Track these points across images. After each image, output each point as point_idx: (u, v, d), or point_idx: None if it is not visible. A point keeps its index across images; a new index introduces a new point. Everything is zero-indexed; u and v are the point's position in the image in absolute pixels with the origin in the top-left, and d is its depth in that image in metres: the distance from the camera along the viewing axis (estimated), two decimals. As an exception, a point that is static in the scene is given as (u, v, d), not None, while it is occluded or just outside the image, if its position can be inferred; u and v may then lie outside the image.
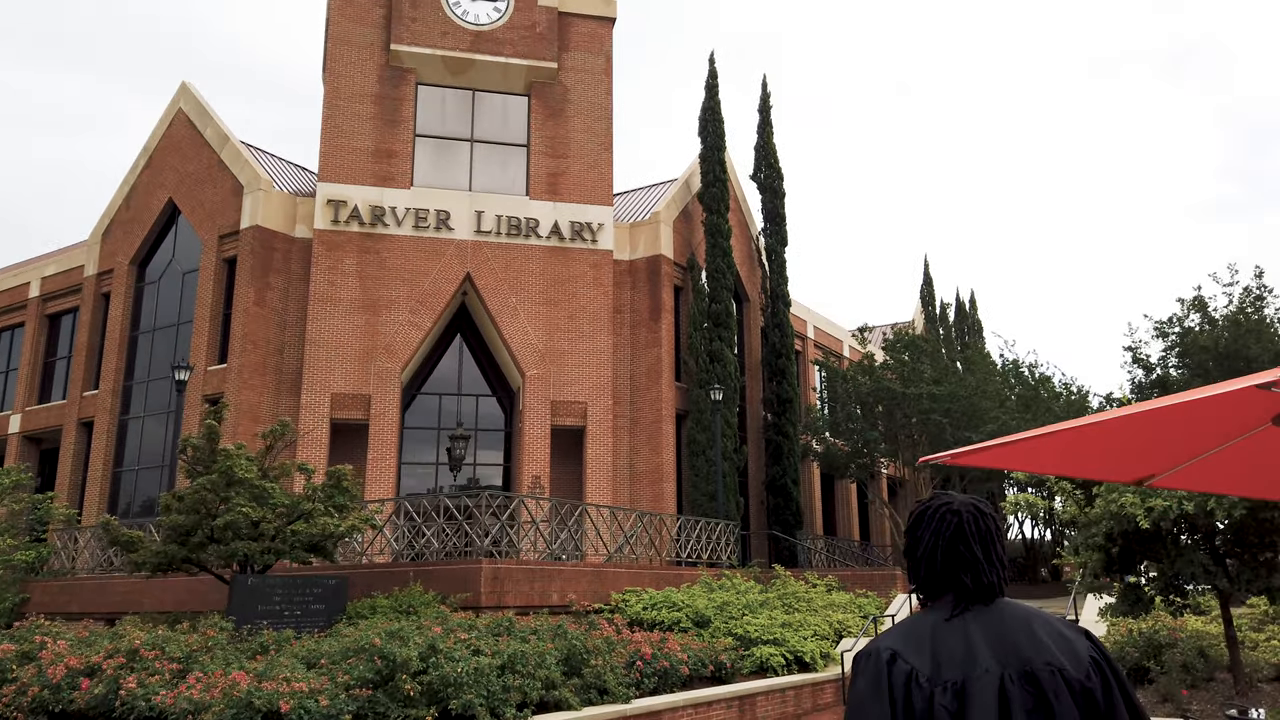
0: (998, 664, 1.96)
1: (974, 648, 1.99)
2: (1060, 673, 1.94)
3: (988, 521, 2.14)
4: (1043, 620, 2.05)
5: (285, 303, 24.99)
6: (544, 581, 14.92)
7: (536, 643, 10.21)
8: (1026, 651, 1.97)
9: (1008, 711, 1.91)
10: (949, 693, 1.95)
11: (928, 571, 2.15)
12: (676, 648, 12.58)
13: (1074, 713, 1.92)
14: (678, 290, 28.82)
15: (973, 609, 2.07)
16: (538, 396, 25.53)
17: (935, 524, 2.15)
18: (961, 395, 24.91)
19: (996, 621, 2.04)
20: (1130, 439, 5.22)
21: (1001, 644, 1.99)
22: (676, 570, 18.43)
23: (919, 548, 2.18)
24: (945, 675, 1.97)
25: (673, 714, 10.80)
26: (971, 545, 2.10)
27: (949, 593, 2.12)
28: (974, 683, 1.94)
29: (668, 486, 26.26)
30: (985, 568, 2.10)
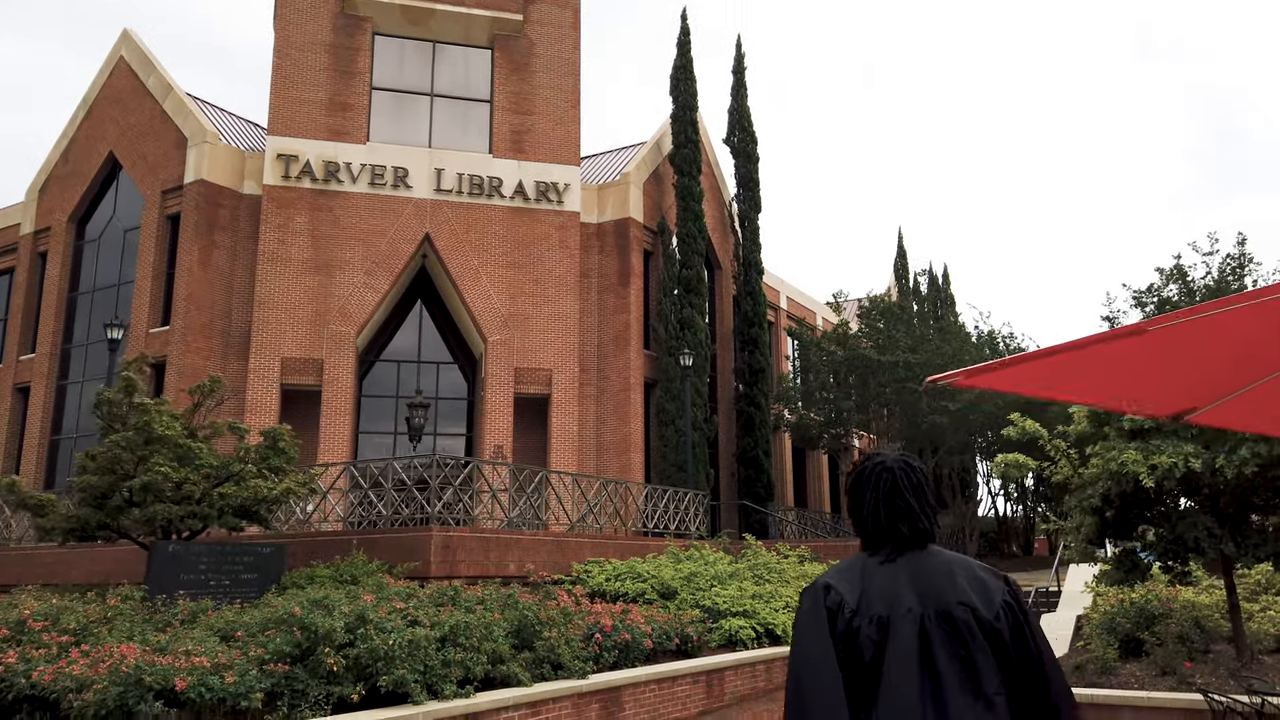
0: (920, 604, 2.17)
1: (900, 588, 2.20)
2: (973, 613, 2.15)
3: (918, 475, 2.35)
4: (964, 566, 2.26)
5: (233, 263, 23.69)
6: (500, 551, 13.97)
7: (483, 613, 9.27)
8: (946, 594, 2.18)
9: (926, 645, 2.13)
10: (874, 624, 2.16)
11: (874, 525, 2.35)
12: (640, 620, 11.68)
13: (985, 649, 2.13)
14: (647, 255, 27.81)
15: (906, 554, 2.28)
16: (500, 363, 24.48)
17: (873, 482, 2.35)
18: (937, 363, 24.18)
19: (924, 566, 2.24)
20: (1172, 358, 4.31)
21: (926, 586, 2.20)
22: (643, 541, 17.55)
23: (863, 506, 2.38)
24: (872, 609, 2.18)
25: (634, 690, 9.91)
26: (906, 497, 2.31)
27: (889, 541, 2.32)
28: (897, 619, 2.16)
29: (635, 457, 25.36)
30: (920, 516, 2.32)
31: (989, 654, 2.16)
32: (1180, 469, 8.87)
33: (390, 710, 7.37)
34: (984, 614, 2.19)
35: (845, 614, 2.21)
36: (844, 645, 2.19)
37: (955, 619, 2.18)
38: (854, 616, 2.20)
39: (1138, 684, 9.14)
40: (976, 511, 35.21)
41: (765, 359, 30.03)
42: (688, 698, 10.85)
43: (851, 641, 2.18)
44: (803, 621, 2.25)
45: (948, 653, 2.15)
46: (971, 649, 2.15)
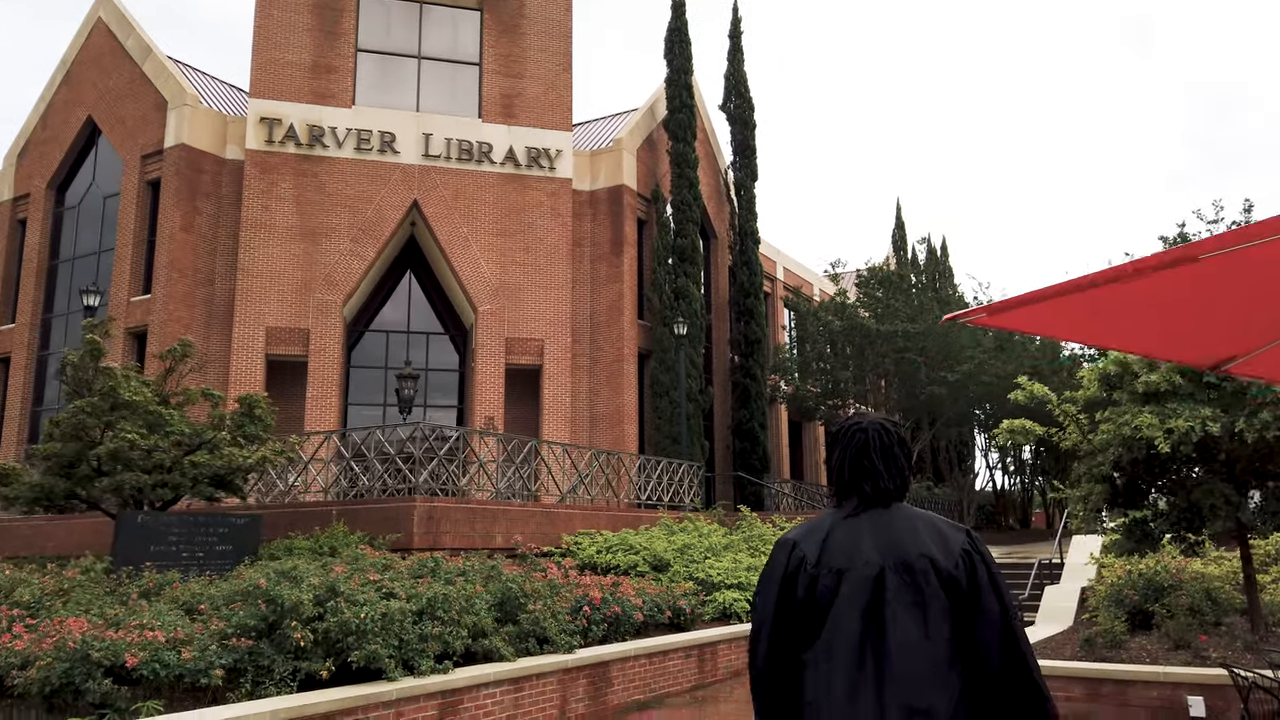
0: (880, 556, 2.28)
1: (861, 543, 2.31)
2: (932, 562, 2.24)
3: (889, 437, 2.45)
4: (928, 521, 2.35)
5: (215, 229, 23.08)
6: (487, 522, 13.53)
7: (464, 585, 8.82)
8: (907, 546, 2.27)
9: (880, 591, 2.23)
10: (831, 575, 2.28)
11: (839, 480, 2.48)
12: (630, 592, 11.27)
13: (940, 596, 2.21)
14: (641, 224, 27.22)
15: (870, 511, 2.38)
16: (491, 333, 23.96)
17: (845, 440, 2.48)
18: (937, 332, 23.69)
19: (887, 522, 2.34)
20: (1217, 297, 3.82)
21: (887, 541, 2.30)
22: (635, 513, 17.13)
23: (833, 460, 2.51)
24: (832, 563, 2.30)
25: (622, 665, 9.50)
26: (873, 458, 2.42)
27: (854, 497, 2.43)
28: (854, 570, 2.27)
29: (629, 429, 24.92)
30: (884, 477, 2.40)
31: (943, 601, 2.23)
32: (1197, 433, 8.41)
33: (361, 687, 6.93)
34: (943, 563, 2.25)
35: (806, 569, 2.31)
36: (805, 596, 2.30)
37: (914, 569, 2.25)
38: (814, 569, 2.30)
39: (1149, 658, 8.74)
40: (974, 484, 34.90)
41: (761, 330, 29.52)
42: (679, 672, 10.45)
43: (811, 593, 2.29)
44: (764, 576, 2.40)
45: (901, 599, 2.22)
46: (926, 595, 2.22)
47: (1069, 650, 9.37)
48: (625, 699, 9.45)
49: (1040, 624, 12.00)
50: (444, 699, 7.32)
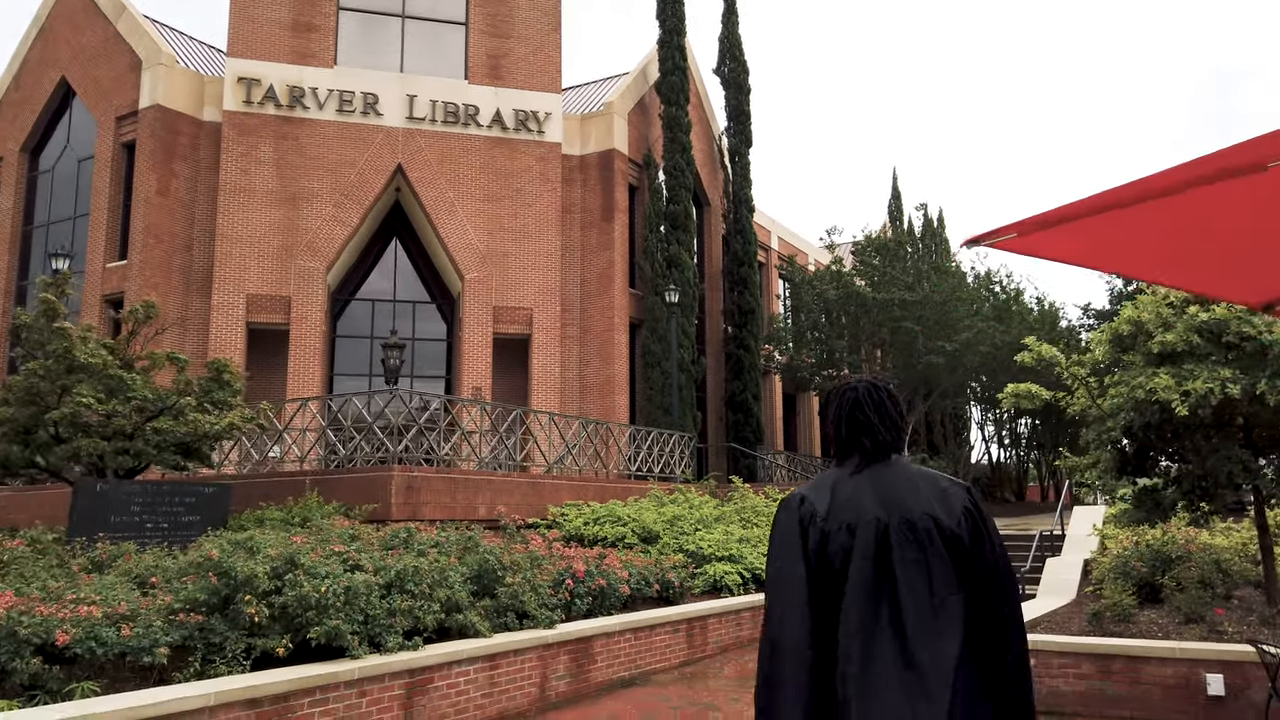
0: (885, 512, 2.31)
1: (865, 498, 2.33)
2: (934, 520, 2.28)
3: (880, 394, 2.50)
4: (928, 478, 2.39)
5: (193, 193, 22.39)
6: (470, 493, 13.03)
7: (437, 557, 8.31)
8: (909, 503, 2.31)
9: (886, 549, 2.27)
10: (843, 530, 2.30)
11: (837, 438, 2.52)
12: (616, 565, 10.79)
13: (943, 553, 2.26)
14: (633, 190, 26.57)
15: (872, 466, 2.42)
16: (478, 302, 23.38)
17: (838, 400, 2.53)
18: (935, 300, 23.16)
19: (889, 478, 2.38)
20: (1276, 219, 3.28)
21: (890, 496, 2.33)
22: (624, 484, 16.65)
23: (828, 422, 2.56)
24: (841, 517, 2.32)
25: (607, 640, 9.03)
26: (867, 413, 2.46)
27: (855, 454, 2.47)
28: (862, 525, 2.29)
29: (620, 400, 24.41)
30: (880, 431, 2.45)
31: (946, 559, 2.27)
32: (1217, 395, 7.91)
33: (320, 665, 6.43)
34: (945, 521, 2.30)
35: (817, 523, 2.33)
36: (817, 552, 2.32)
37: (917, 526, 2.28)
38: (824, 524, 2.32)
39: (1161, 632, 8.29)
40: (969, 457, 34.55)
41: (755, 300, 28.97)
42: (667, 648, 9.99)
43: (823, 548, 2.31)
44: (777, 531, 2.39)
45: (907, 557, 2.26)
46: (929, 554, 2.26)
47: (1076, 624, 8.91)
48: (609, 676, 8.98)
49: (1042, 597, 11.56)
50: (412, 677, 6.83)
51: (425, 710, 6.94)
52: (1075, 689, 7.43)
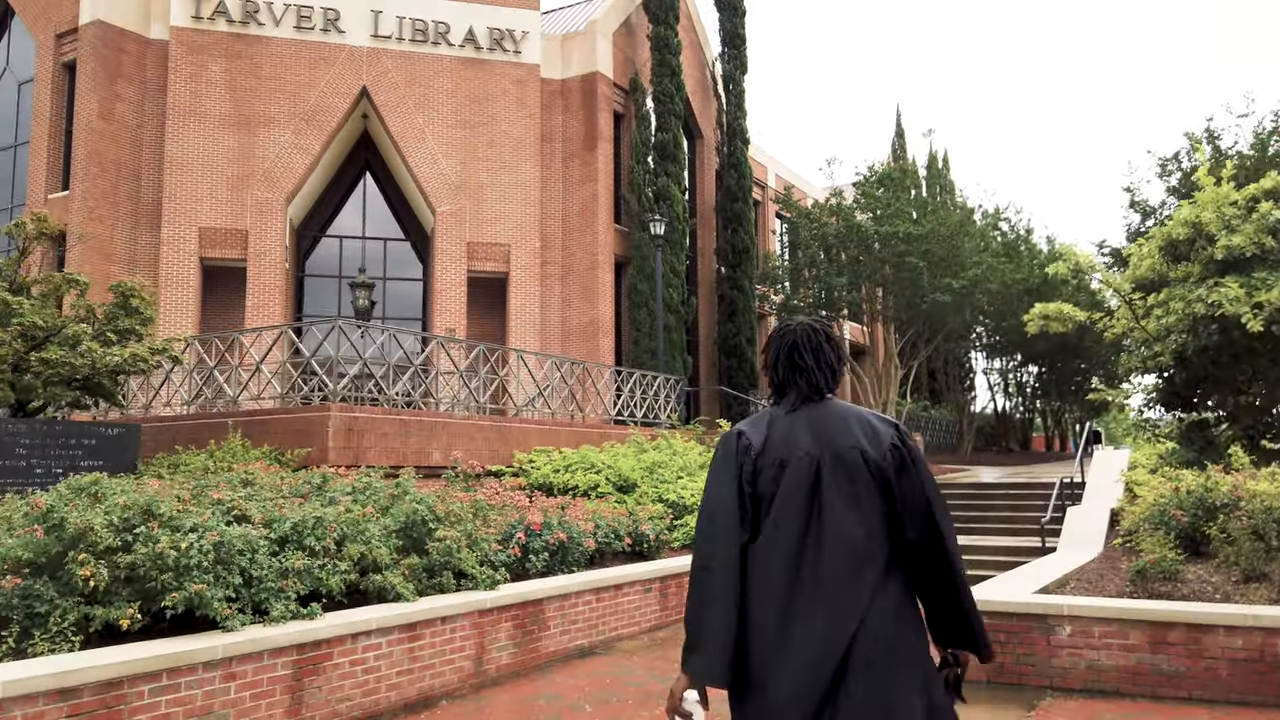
0: (816, 447, 2.42)
1: (799, 434, 2.44)
2: (862, 454, 2.39)
3: (818, 337, 2.59)
4: (859, 416, 2.48)
5: (140, 118, 20.70)
6: (423, 437, 11.64)
7: (350, 506, 6.92)
8: (839, 439, 2.42)
9: (817, 479, 2.39)
10: (775, 464, 2.42)
11: (774, 377, 2.62)
12: (579, 516, 9.44)
13: (870, 484, 2.37)
14: (618, 117, 24.85)
15: (807, 405, 2.52)
16: (451, 237, 21.82)
17: (778, 340, 2.62)
18: (942, 234, 21.60)
19: (821, 416, 2.48)
20: None
21: (821, 432, 2.43)
22: (603, 428, 15.27)
23: (768, 362, 2.65)
24: (775, 452, 2.43)
25: (563, 603, 7.69)
26: (804, 354, 2.56)
27: (791, 393, 2.57)
28: (794, 459, 2.41)
29: (605, 343, 22.98)
30: (814, 372, 2.55)
31: (874, 489, 2.39)
32: (1298, 308, 6.46)
33: (172, 641, 5.07)
34: (872, 455, 2.40)
35: (752, 455, 2.45)
36: (751, 483, 2.44)
37: (845, 460, 2.39)
38: (759, 457, 2.45)
39: (1219, 593, 6.95)
40: (972, 405, 33.27)
41: (750, 238, 27.39)
42: (637, 610, 8.67)
43: (756, 479, 2.43)
44: (715, 462, 2.52)
45: (836, 486, 2.38)
46: (857, 483, 2.38)
47: (1113, 584, 7.58)
48: (565, 644, 7.66)
49: (1065, 550, 10.24)
50: (302, 654, 5.48)
51: (321, 693, 5.59)
52: (1120, 663, 6.10)
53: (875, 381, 23.29)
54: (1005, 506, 14.29)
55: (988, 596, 6.68)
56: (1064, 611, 6.29)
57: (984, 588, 7.18)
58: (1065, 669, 6.25)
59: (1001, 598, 6.62)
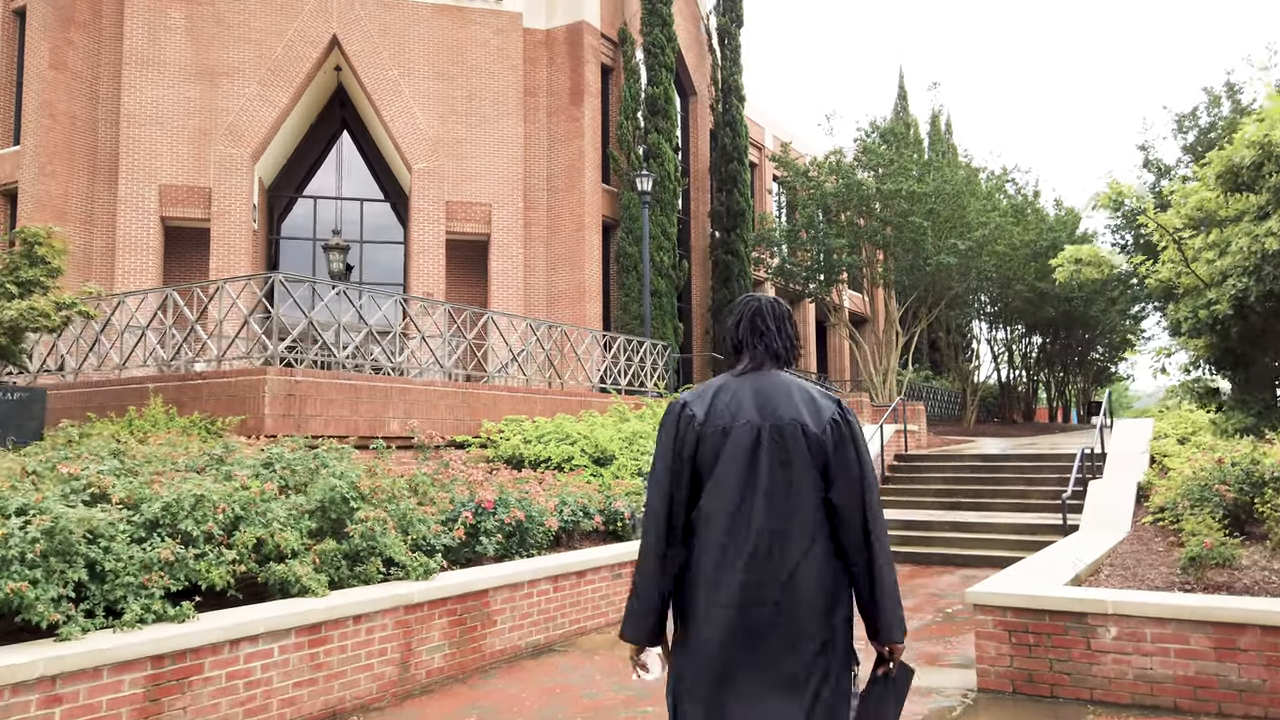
0: (758, 417, 2.49)
1: (743, 403, 2.51)
2: (802, 426, 2.47)
3: (780, 309, 2.69)
4: (801, 389, 2.56)
5: (95, 67, 19.42)
6: (377, 404, 10.52)
7: (249, 481, 5.80)
8: (781, 410, 2.49)
9: (756, 446, 2.46)
10: (717, 432, 2.49)
11: (734, 340, 2.68)
12: (540, 492, 8.34)
13: (805, 455, 2.45)
14: (606, 71, 23.53)
15: (757, 373, 2.59)
16: (429, 196, 20.60)
17: (741, 308, 2.71)
18: (947, 192, 20.37)
19: (767, 385, 2.54)
20: None
21: (765, 402, 2.50)
22: (583, 396, 14.16)
23: (730, 326, 2.73)
24: (717, 422, 2.50)
25: (512, 593, 6.60)
26: (767, 320, 2.65)
27: (748, 357, 2.63)
28: (736, 428, 2.48)
29: (592, 308, 21.83)
30: (775, 337, 2.63)
31: (809, 461, 2.45)
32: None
33: (-25, 657, 3.96)
34: (811, 428, 2.46)
35: (695, 425, 2.51)
36: (694, 450, 2.50)
37: (785, 430, 2.45)
38: (702, 426, 2.50)
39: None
40: (974, 375, 32.14)
41: (745, 201, 26.13)
42: (603, 599, 7.58)
43: (699, 447, 2.50)
44: (660, 433, 2.59)
45: (773, 455, 2.45)
46: (793, 454, 2.44)
47: (1157, 574, 6.47)
48: (515, 642, 6.57)
49: (1089, 530, 9.15)
50: (160, 666, 4.38)
51: (186, 715, 4.49)
52: (1179, 672, 5.00)
53: (875, 349, 22.17)
54: (1017, 480, 13.21)
55: (1012, 589, 5.59)
56: (1108, 609, 5.19)
57: (1006, 578, 6.08)
58: (1109, 679, 5.16)
59: (1029, 591, 5.52)
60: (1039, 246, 24.10)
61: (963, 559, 10.60)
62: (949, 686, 5.63)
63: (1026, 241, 23.57)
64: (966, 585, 9.29)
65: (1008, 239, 22.06)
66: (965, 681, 5.71)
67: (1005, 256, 22.25)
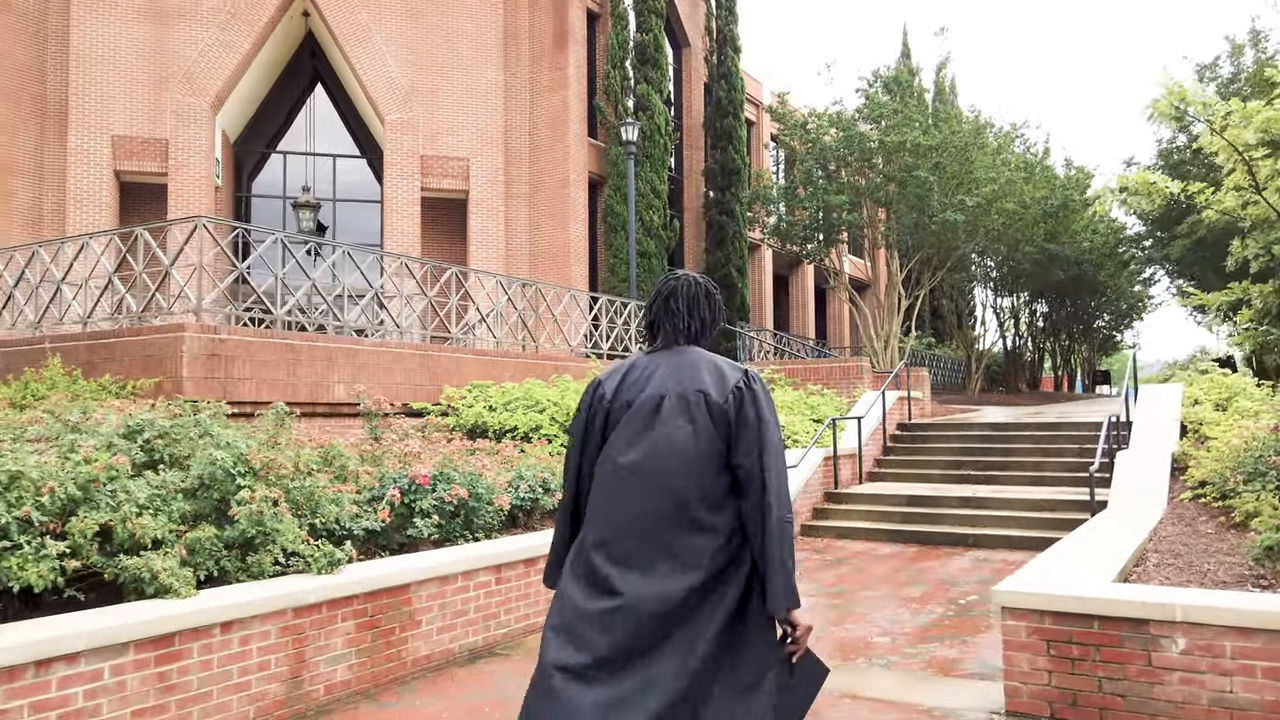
0: (665, 389, 2.53)
1: (652, 378, 2.58)
2: (704, 395, 2.49)
3: (696, 290, 2.72)
4: (710, 362, 2.59)
5: (44, 6, 18.13)
6: (318, 366, 9.39)
7: (95, 454, 4.67)
8: (687, 383, 2.53)
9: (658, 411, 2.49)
10: (624, 406, 2.56)
11: (649, 319, 2.75)
12: (490, 465, 7.22)
13: (708, 422, 2.45)
14: (592, 17, 22.19)
15: (670, 350, 2.65)
16: (402, 150, 19.35)
17: (660, 287, 2.75)
18: (955, 145, 19.11)
19: (678, 362, 2.60)
20: None
21: (673, 377, 2.55)
22: (559, 360, 13.04)
23: (646, 305, 2.78)
24: (625, 396, 2.58)
25: (442, 587, 5.50)
26: (679, 301, 2.68)
27: (660, 336, 2.70)
28: (639, 401, 2.53)
29: (578, 270, 20.65)
30: (684, 319, 2.67)
31: (711, 427, 2.45)
32: None
33: None
34: (714, 397, 2.48)
35: (604, 402, 2.62)
36: (603, 424, 2.61)
37: (689, 400, 2.49)
38: (610, 401, 2.59)
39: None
40: (979, 343, 30.99)
41: (741, 158, 24.86)
42: (560, 591, 6.47)
43: (606, 420, 2.60)
44: (577, 410, 2.71)
45: (674, 415, 2.48)
46: (695, 419, 2.46)
47: (1221, 565, 5.37)
48: (445, 645, 5.49)
49: (1119, 506, 8.05)
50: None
51: (-33, 763, 3.40)
52: (1269, 697, 3.91)
53: (875, 314, 21.00)
54: (1032, 451, 12.11)
55: (1049, 588, 4.48)
56: (1175, 615, 4.08)
57: (1039, 572, 4.97)
58: (1176, 703, 4.07)
59: (1072, 591, 4.41)
60: (1050, 205, 22.86)
61: (974, 539, 9.52)
62: (969, 708, 4.55)
63: (1038, 199, 22.30)
64: (979, 570, 8.21)
65: (1018, 195, 20.81)
66: (988, 700, 4.63)
67: (1015, 215, 21.01)
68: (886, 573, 8.27)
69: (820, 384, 14.63)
